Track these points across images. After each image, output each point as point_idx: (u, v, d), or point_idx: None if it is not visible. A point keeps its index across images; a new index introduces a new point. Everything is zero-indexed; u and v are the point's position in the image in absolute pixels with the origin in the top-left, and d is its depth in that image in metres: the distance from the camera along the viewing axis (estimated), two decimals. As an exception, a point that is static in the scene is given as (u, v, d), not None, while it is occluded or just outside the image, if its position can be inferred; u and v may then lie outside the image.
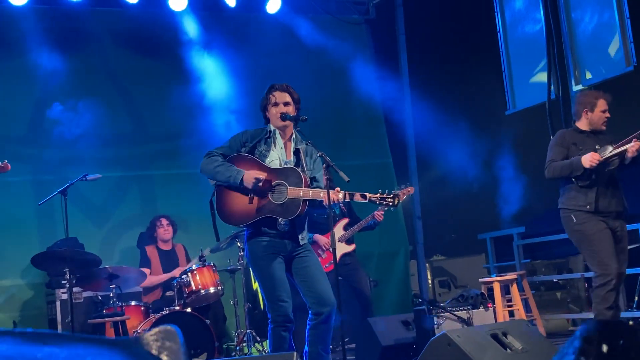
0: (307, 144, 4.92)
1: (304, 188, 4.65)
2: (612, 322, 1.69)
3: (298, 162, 4.88)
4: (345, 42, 9.86)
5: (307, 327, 4.78)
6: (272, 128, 4.93)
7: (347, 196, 4.68)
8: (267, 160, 4.84)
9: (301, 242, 4.82)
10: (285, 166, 4.81)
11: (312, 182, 4.85)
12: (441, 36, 10.15)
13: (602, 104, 5.81)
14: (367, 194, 4.71)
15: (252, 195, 4.71)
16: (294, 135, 4.96)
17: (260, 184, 4.65)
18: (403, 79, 10.40)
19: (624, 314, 6.93)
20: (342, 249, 7.46)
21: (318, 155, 4.78)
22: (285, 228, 4.78)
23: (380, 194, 4.73)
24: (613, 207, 5.66)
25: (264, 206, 4.70)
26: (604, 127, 5.80)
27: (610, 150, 5.53)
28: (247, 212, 4.73)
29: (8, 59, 8.46)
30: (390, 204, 4.74)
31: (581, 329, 1.69)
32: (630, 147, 5.44)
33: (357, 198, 4.70)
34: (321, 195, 4.61)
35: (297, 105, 4.93)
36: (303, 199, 4.66)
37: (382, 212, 7.50)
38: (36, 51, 8.42)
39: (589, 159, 5.50)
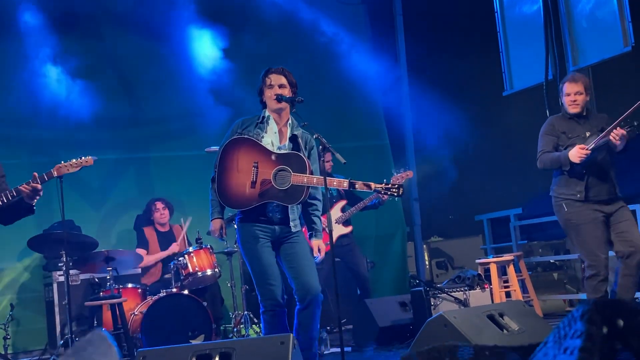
0: (303, 126, 4.88)
1: (308, 175, 4.64)
2: (612, 301, 1.68)
3: (296, 148, 4.85)
4: (342, 23, 9.81)
5: (295, 312, 4.81)
6: (267, 113, 4.88)
7: (352, 185, 4.66)
8: None
9: (293, 230, 4.81)
10: (289, 151, 4.79)
11: None
12: (438, 17, 10.10)
13: (567, 88, 5.78)
14: (371, 184, 4.70)
15: (254, 179, 4.69)
16: (290, 121, 4.92)
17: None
18: (400, 59, 10.37)
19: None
20: (339, 230, 7.46)
21: (314, 137, 4.74)
22: (277, 215, 4.76)
23: (385, 184, 4.72)
24: (604, 194, 5.63)
25: (266, 191, 4.67)
26: (576, 111, 5.72)
27: (594, 140, 5.50)
28: (249, 197, 4.69)
29: (4, 41, 8.41)
30: (395, 194, 4.74)
31: (581, 309, 1.67)
32: (614, 135, 5.41)
33: (361, 187, 4.68)
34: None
35: (294, 89, 4.88)
36: (306, 186, 4.65)
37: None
38: (33, 34, 8.37)
39: (576, 155, 5.48)
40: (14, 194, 4.62)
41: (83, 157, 5.07)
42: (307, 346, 4.74)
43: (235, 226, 7.09)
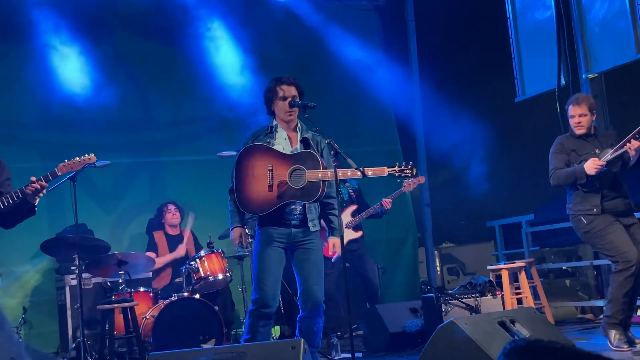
0: (314, 132, 4.91)
1: (322, 170, 4.67)
2: (533, 342, 1.70)
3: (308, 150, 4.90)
4: (355, 29, 9.83)
5: (297, 319, 4.91)
6: (275, 123, 4.95)
7: (364, 173, 4.67)
8: None
9: (312, 229, 4.85)
10: (301, 150, 4.82)
11: None
12: (451, 22, 10.09)
13: (571, 111, 5.82)
14: (385, 168, 4.71)
15: (271, 183, 4.72)
16: (299, 125, 4.98)
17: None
18: (412, 65, 10.38)
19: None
20: (349, 235, 7.47)
21: (326, 142, 4.78)
22: (296, 218, 4.82)
23: (399, 166, 4.74)
24: (620, 206, 5.67)
25: (284, 192, 4.72)
26: (582, 132, 5.76)
27: (610, 152, 5.51)
28: (268, 200, 4.75)
29: (17, 44, 8.47)
30: (409, 174, 4.75)
31: (504, 349, 1.70)
32: (630, 146, 5.41)
33: (375, 172, 4.69)
34: (340, 174, 4.64)
35: (302, 98, 4.94)
36: (322, 181, 4.68)
37: (390, 201, 7.50)
38: (44, 36, 8.42)
39: (592, 167, 5.50)
40: (19, 194, 4.63)
41: (86, 155, 5.07)
42: (313, 355, 4.77)
43: (247, 230, 7.15)
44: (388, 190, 7.73)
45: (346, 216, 7.50)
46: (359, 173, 4.66)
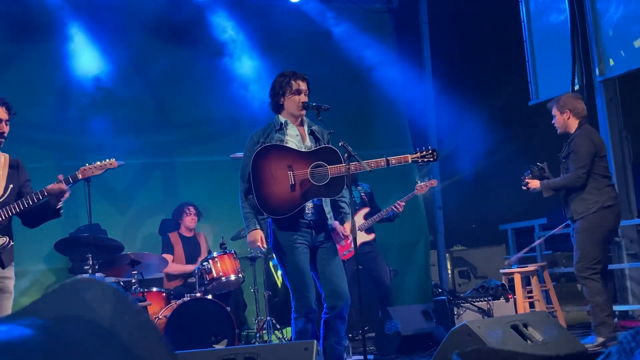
0: (329, 134, 4.89)
1: (344, 164, 4.64)
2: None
3: (318, 142, 4.87)
4: (368, 31, 9.83)
5: (322, 319, 4.80)
6: (283, 120, 4.88)
7: (388, 162, 4.67)
8: None
9: (329, 221, 4.82)
10: (320, 147, 4.79)
11: None
12: (464, 25, 10.10)
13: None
14: (409, 155, 4.77)
15: (293, 182, 4.68)
16: (304, 119, 4.95)
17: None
18: (425, 68, 10.36)
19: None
20: (361, 237, 7.46)
21: (340, 144, 4.72)
22: (314, 217, 4.77)
23: (420, 152, 4.78)
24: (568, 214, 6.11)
25: (307, 191, 4.66)
26: (560, 132, 6.26)
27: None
28: (293, 200, 4.67)
29: (33, 45, 8.51)
30: (432, 159, 4.80)
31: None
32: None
33: (398, 161, 4.74)
34: (365, 166, 4.62)
35: (309, 97, 4.92)
36: (345, 175, 4.64)
37: (403, 204, 7.50)
38: (60, 37, 8.48)
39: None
40: (40, 196, 4.68)
41: (107, 160, 5.10)
42: (338, 353, 4.75)
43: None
44: (400, 194, 7.73)
45: (359, 219, 7.50)
46: (382, 163, 4.66)
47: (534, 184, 6.15)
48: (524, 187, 6.21)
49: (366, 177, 5.61)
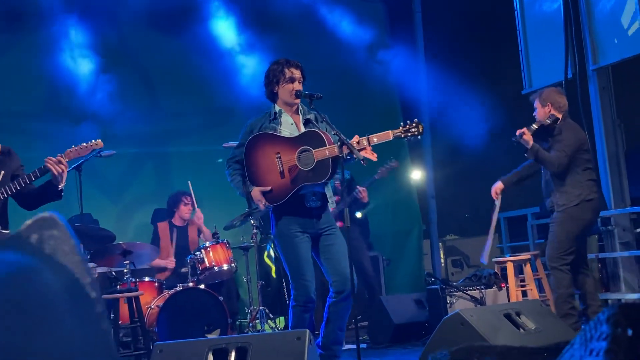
0: (322, 121, 4.85)
1: (328, 146, 4.60)
2: (638, 305, 1.69)
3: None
4: (362, 20, 9.79)
5: (327, 304, 4.76)
6: (278, 109, 4.85)
7: (369, 141, 4.62)
8: None
9: (330, 207, 4.80)
10: (305, 131, 4.74)
11: None
12: (458, 15, 10.06)
13: None
14: (390, 132, 4.68)
15: (282, 169, 4.67)
16: (300, 108, 4.91)
17: (268, 194, 4.66)
18: (419, 56, 10.35)
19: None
20: None
21: (333, 133, 4.69)
22: (316, 204, 4.74)
23: (403, 127, 4.71)
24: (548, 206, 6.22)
25: (296, 176, 4.64)
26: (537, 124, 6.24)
27: None
28: (283, 188, 4.67)
29: (23, 33, 8.46)
30: (415, 133, 4.70)
31: (607, 312, 1.67)
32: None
33: (380, 138, 4.65)
34: (345, 149, 4.55)
35: (304, 84, 4.88)
36: (331, 158, 4.59)
37: (363, 189, 7.52)
38: (51, 26, 8.42)
39: None
40: (38, 173, 4.65)
41: (93, 140, 5.04)
42: (339, 338, 4.74)
43: (252, 221, 7.12)
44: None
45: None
46: (365, 142, 4.61)
47: (529, 138, 6.04)
48: (517, 134, 6.10)
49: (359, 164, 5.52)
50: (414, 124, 4.70)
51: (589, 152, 6.11)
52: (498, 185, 6.55)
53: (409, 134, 4.69)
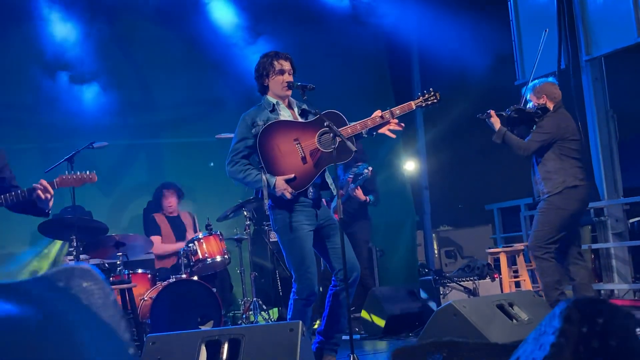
0: (314, 113, 4.81)
1: (350, 125, 4.60)
2: (593, 300, 1.69)
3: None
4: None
5: (330, 292, 4.73)
6: (274, 100, 4.80)
7: (392, 114, 4.68)
8: None
9: (333, 192, 4.76)
10: (322, 113, 4.65)
11: None
12: (449, 4, 10.03)
13: None
14: (412, 102, 4.79)
15: (303, 155, 4.61)
16: (289, 100, 4.86)
17: (292, 181, 4.55)
18: (412, 53, 10.33)
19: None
20: None
21: (325, 124, 4.64)
22: (315, 195, 4.69)
23: (422, 96, 4.80)
24: (535, 194, 6.24)
25: (319, 160, 4.58)
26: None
27: None
28: (307, 172, 4.59)
29: (15, 24, 8.42)
30: (435, 100, 4.83)
31: (560, 307, 1.67)
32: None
33: (402, 110, 4.74)
34: (369, 123, 4.62)
35: (295, 75, 4.83)
36: (354, 136, 4.59)
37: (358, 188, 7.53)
38: (44, 17, 8.39)
39: None
40: (25, 194, 4.58)
41: (88, 172, 4.95)
42: (342, 326, 4.73)
43: (245, 213, 7.10)
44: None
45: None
46: (388, 115, 4.65)
47: (495, 120, 6.18)
48: (485, 114, 6.23)
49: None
50: (432, 94, 4.78)
51: (579, 142, 6.08)
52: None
53: (429, 102, 4.78)
